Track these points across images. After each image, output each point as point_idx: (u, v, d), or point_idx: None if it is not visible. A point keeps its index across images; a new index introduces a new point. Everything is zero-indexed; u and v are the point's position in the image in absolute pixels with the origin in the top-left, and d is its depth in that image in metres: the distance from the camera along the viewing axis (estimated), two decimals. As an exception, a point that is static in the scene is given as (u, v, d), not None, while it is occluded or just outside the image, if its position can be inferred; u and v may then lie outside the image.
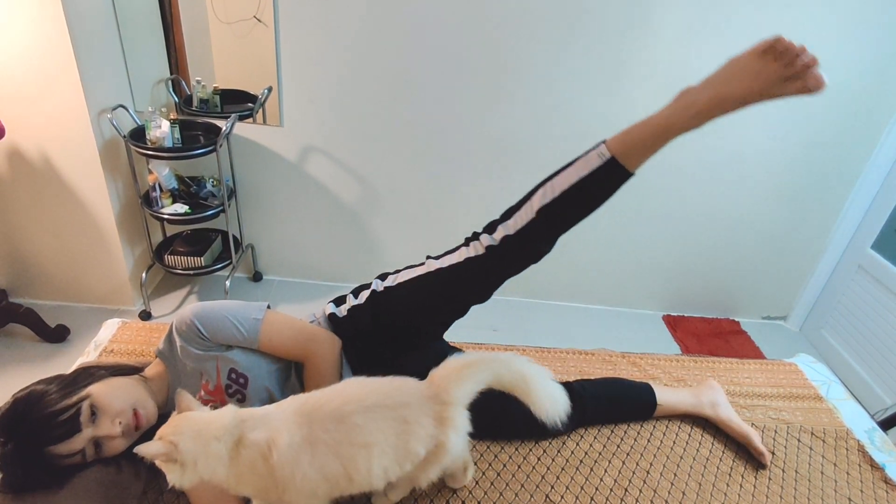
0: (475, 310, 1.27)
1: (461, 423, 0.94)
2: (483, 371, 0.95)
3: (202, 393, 1.11)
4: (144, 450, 0.78)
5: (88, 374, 1.04)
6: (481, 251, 1.15)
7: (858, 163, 2.41)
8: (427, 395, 0.92)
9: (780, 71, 0.91)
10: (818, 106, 2.25)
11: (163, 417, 1.10)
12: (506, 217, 1.16)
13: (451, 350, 1.39)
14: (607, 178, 1.06)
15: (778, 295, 2.82)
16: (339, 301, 1.31)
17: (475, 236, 1.20)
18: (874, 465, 1.35)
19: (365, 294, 1.27)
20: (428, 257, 1.26)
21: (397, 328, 1.23)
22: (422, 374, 0.98)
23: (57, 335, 2.19)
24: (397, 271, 1.28)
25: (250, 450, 0.84)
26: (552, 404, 0.95)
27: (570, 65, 2.18)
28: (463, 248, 1.20)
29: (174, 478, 0.80)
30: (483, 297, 1.22)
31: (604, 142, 1.06)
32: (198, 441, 0.81)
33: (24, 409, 0.93)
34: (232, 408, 0.89)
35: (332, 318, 1.27)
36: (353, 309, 1.26)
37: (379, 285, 1.26)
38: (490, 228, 1.18)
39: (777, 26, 2.08)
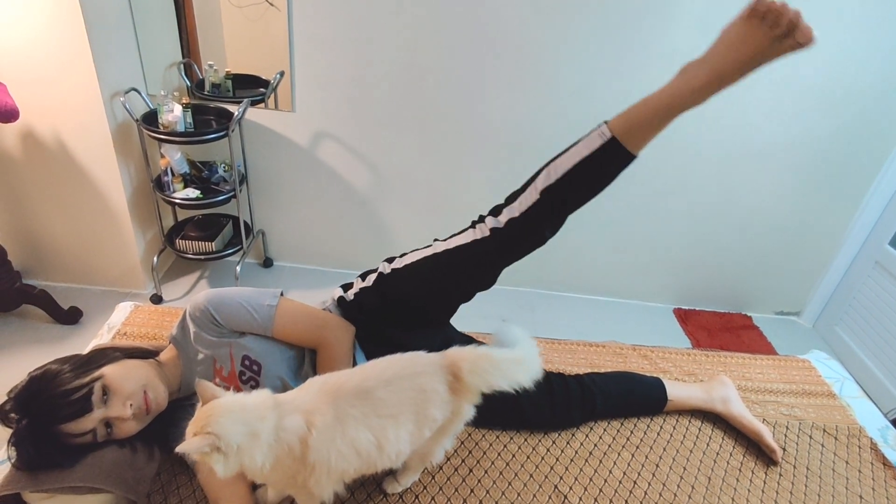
0: (485, 300, 1.26)
1: (474, 395, 0.97)
2: (503, 378, 0.94)
3: (216, 380, 1.11)
4: (187, 448, 0.76)
5: (103, 356, 1.05)
6: (486, 233, 1.14)
7: (878, 158, 2.37)
8: (441, 364, 0.95)
9: (768, 32, 0.89)
10: (838, 99, 2.21)
11: (174, 403, 1.11)
12: (510, 200, 1.15)
13: (460, 337, 1.39)
14: (609, 159, 1.05)
15: (792, 290, 2.79)
16: (348, 286, 1.32)
17: (481, 219, 1.20)
18: (886, 464, 1.33)
19: (372, 277, 1.28)
20: (435, 240, 1.26)
21: (404, 308, 1.23)
22: None
23: (70, 317, 2.22)
24: (404, 254, 1.28)
25: (288, 433, 0.84)
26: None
27: (585, 51, 2.15)
28: (469, 231, 1.20)
29: (220, 468, 0.78)
30: (487, 280, 1.22)
31: (606, 122, 1.05)
32: (240, 425, 0.79)
33: (38, 387, 0.95)
34: (267, 391, 0.88)
35: (340, 301, 1.28)
36: (360, 291, 1.27)
37: (386, 267, 1.26)
38: (495, 211, 1.17)
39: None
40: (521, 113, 2.29)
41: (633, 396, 1.38)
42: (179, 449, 0.76)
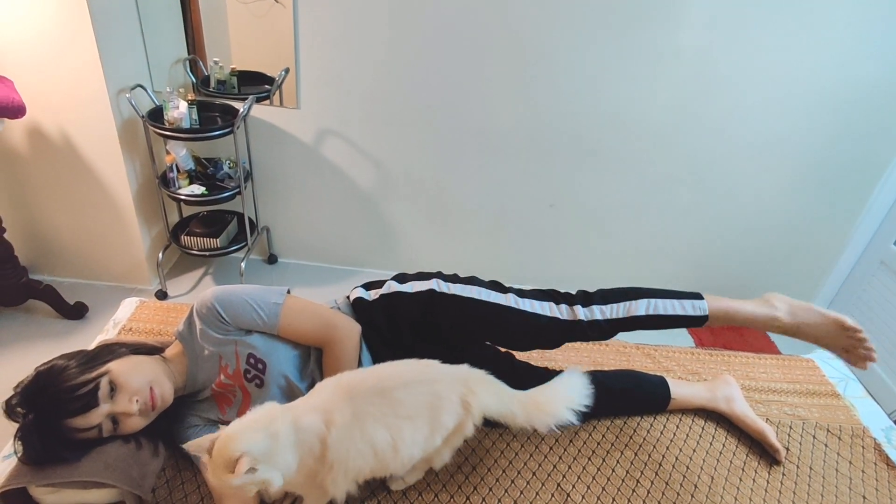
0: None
1: (478, 415, 0.99)
2: (505, 405, 1.01)
3: (221, 377, 1.12)
4: (238, 482, 0.75)
5: (110, 351, 1.05)
6: (570, 318, 1.24)
7: (884, 156, 2.35)
8: (457, 376, 0.99)
9: (846, 344, 1.22)
10: (844, 97, 2.19)
11: (180, 399, 1.12)
12: (603, 300, 1.27)
13: (470, 353, 1.38)
14: (693, 322, 1.30)
15: (796, 288, 2.77)
16: (372, 286, 1.29)
17: (567, 298, 1.27)
18: (890, 464, 1.33)
19: (419, 286, 1.25)
20: (508, 289, 1.28)
21: (437, 329, 1.23)
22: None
23: (76, 312, 2.23)
24: (457, 276, 1.29)
25: (307, 433, 0.84)
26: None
27: (592, 50, 2.14)
28: (552, 305, 1.26)
29: (276, 480, 0.80)
30: (551, 348, 1.36)
31: (702, 297, 1.28)
32: (257, 432, 0.79)
33: (45, 382, 0.95)
34: (270, 402, 0.89)
35: (358, 302, 1.26)
36: (394, 295, 1.24)
37: (440, 285, 1.24)
38: (585, 301, 1.27)
39: (807, 12, 2.02)
40: (527, 111, 2.29)
41: (637, 394, 1.38)
42: (237, 482, 0.75)
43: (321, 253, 2.76)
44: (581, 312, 1.24)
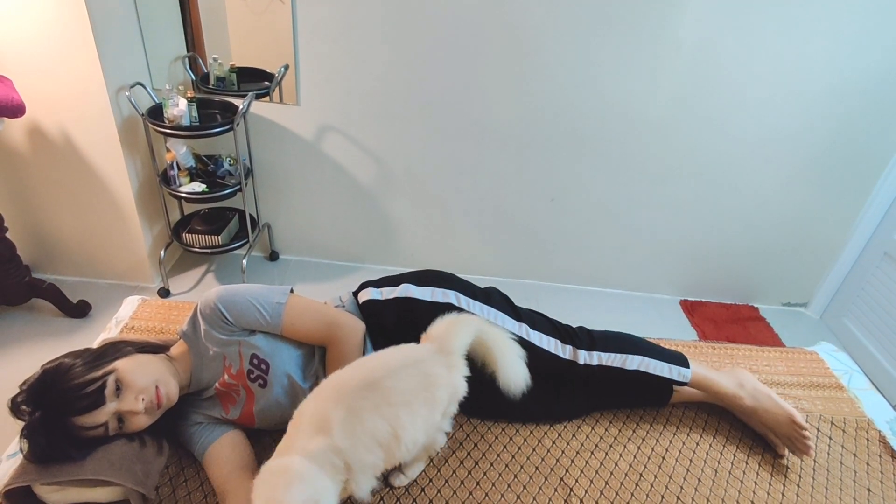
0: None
1: (463, 366, 1.03)
2: (469, 327, 1.05)
3: (225, 377, 1.12)
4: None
5: (115, 350, 1.05)
6: (570, 358, 1.29)
7: (888, 148, 2.33)
8: (434, 349, 1.01)
9: (790, 435, 1.27)
10: (847, 89, 2.18)
11: (184, 397, 1.12)
12: (604, 347, 1.31)
13: None
14: (672, 384, 1.36)
15: (799, 281, 2.77)
16: (383, 283, 1.29)
17: (573, 338, 1.32)
18: (895, 456, 1.33)
19: (439, 295, 1.25)
20: (520, 315, 1.31)
21: None
22: None
23: (79, 310, 2.24)
24: (476, 290, 1.31)
25: (321, 455, 0.84)
26: (513, 380, 1.05)
27: (592, 43, 2.13)
28: (558, 343, 1.30)
29: (365, 485, 0.86)
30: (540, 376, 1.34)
31: (688, 367, 1.32)
32: (299, 489, 0.80)
33: (51, 380, 0.95)
34: (273, 463, 0.86)
35: (369, 303, 1.25)
36: (411, 300, 1.23)
37: (459, 300, 1.26)
38: (589, 345, 1.31)
39: (810, 3, 2.00)
40: (527, 106, 2.28)
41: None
42: None
43: (322, 249, 2.76)
44: (582, 356, 1.29)
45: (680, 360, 1.33)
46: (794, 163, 2.39)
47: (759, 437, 1.33)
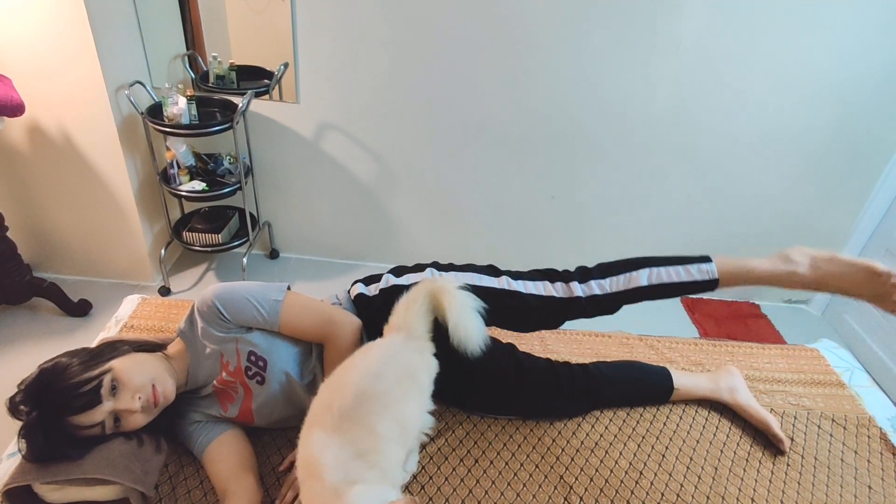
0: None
1: (431, 346, 1.04)
2: (420, 299, 1.04)
3: (223, 374, 1.12)
4: None
5: (112, 349, 1.05)
6: (568, 296, 1.21)
7: (890, 145, 2.32)
8: (402, 338, 1.01)
9: (878, 291, 1.11)
10: (849, 86, 2.17)
11: (182, 395, 1.12)
12: (602, 274, 1.23)
13: None
14: (703, 288, 1.21)
15: (800, 278, 2.75)
16: (371, 280, 1.29)
17: (565, 277, 1.23)
18: (896, 454, 1.32)
19: (414, 278, 1.24)
20: (498, 270, 1.27)
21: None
22: (440, 357, 1.03)
23: (80, 309, 2.24)
24: (452, 265, 1.28)
25: (355, 469, 0.84)
26: (462, 332, 1.00)
27: (592, 40, 2.12)
28: (547, 283, 1.24)
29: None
30: (552, 328, 1.31)
31: (713, 261, 1.20)
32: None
33: (48, 380, 0.96)
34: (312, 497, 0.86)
35: (358, 298, 1.26)
36: (392, 289, 1.23)
37: (435, 275, 1.24)
38: (582, 277, 1.23)
39: (808, 3, 1.99)
40: (527, 104, 2.27)
41: (639, 385, 1.38)
42: None
43: (322, 247, 2.76)
44: (578, 289, 1.21)
45: (699, 258, 1.22)
46: (796, 160, 2.38)
47: (760, 434, 1.33)
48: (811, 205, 2.50)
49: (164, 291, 2.42)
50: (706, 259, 1.20)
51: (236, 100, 2.23)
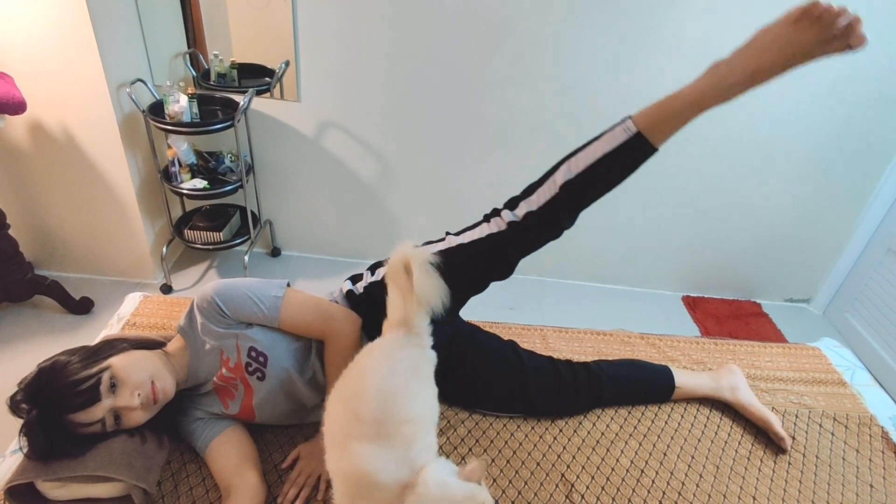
0: (492, 288, 1.25)
1: (429, 338, 1.01)
2: (398, 279, 1.00)
3: (223, 371, 1.12)
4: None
5: (111, 347, 1.05)
6: (503, 227, 1.16)
7: (892, 143, 2.32)
8: (402, 335, 0.99)
9: (818, 36, 0.88)
10: (851, 84, 2.16)
11: (182, 392, 1.12)
12: (528, 193, 1.16)
13: (467, 327, 1.38)
14: (632, 153, 1.06)
15: (802, 277, 2.76)
16: (356, 278, 1.31)
17: (496, 212, 1.20)
18: (898, 452, 1.32)
19: (382, 270, 1.26)
20: (447, 233, 1.25)
21: None
22: (438, 347, 1.01)
23: (82, 307, 2.24)
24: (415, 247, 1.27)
25: (415, 459, 0.85)
26: (419, 289, 0.96)
27: (593, 39, 2.12)
28: (484, 224, 1.20)
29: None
30: (504, 273, 1.22)
31: (629, 117, 1.06)
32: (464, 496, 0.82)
33: (47, 378, 0.96)
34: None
35: (349, 295, 1.27)
36: (370, 285, 1.25)
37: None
38: (511, 204, 1.18)
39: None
40: (528, 103, 2.27)
41: (641, 384, 1.38)
42: None
43: (324, 245, 2.76)
44: (510, 216, 1.14)
45: (619, 122, 1.07)
46: (798, 158, 2.37)
47: (761, 433, 1.33)
48: (814, 202, 2.49)
49: (166, 289, 2.43)
50: (621, 121, 1.05)
51: (237, 98, 2.23)
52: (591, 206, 1.16)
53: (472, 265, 1.19)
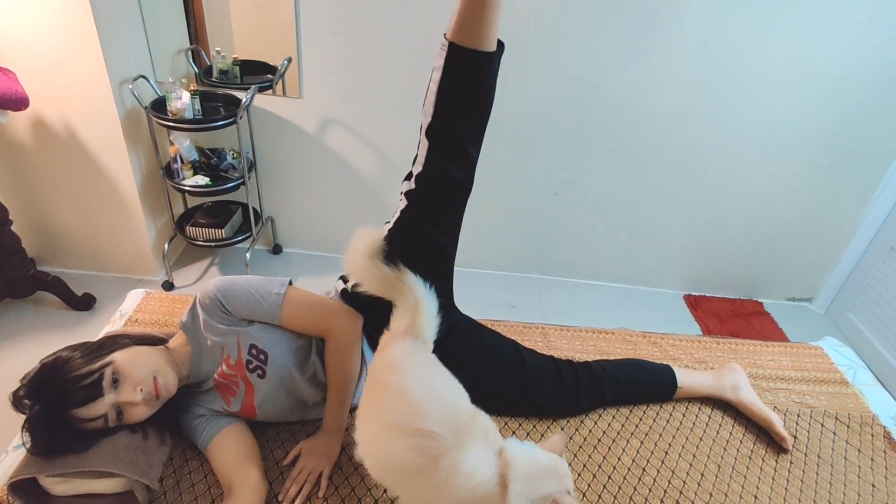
0: (493, 287, 1.25)
1: (431, 346, 1.01)
2: (401, 295, 1.01)
3: (224, 368, 1.12)
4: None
5: (113, 342, 1.06)
6: (405, 201, 1.17)
7: (894, 142, 2.31)
8: (409, 342, 0.98)
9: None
10: (852, 83, 2.16)
11: (184, 388, 1.12)
12: (413, 161, 1.19)
13: (465, 321, 1.37)
14: (464, 66, 1.06)
15: (804, 276, 2.75)
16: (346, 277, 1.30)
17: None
18: (900, 452, 1.32)
19: None
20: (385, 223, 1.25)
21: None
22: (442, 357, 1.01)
23: (84, 303, 2.25)
24: None
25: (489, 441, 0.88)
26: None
27: (598, 36, 2.11)
28: (398, 206, 1.21)
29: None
30: (445, 237, 1.21)
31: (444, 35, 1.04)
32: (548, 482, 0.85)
33: (49, 373, 0.96)
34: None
35: (343, 294, 1.27)
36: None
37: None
38: (408, 176, 1.20)
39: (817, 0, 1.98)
40: (531, 100, 2.26)
41: (643, 383, 1.38)
42: None
43: (326, 243, 2.76)
44: (406, 186, 1.19)
45: None
46: (800, 157, 2.37)
47: (763, 432, 1.33)
48: (816, 202, 2.49)
49: (168, 286, 2.43)
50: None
51: (240, 95, 2.23)
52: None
53: (403, 249, 1.15)
